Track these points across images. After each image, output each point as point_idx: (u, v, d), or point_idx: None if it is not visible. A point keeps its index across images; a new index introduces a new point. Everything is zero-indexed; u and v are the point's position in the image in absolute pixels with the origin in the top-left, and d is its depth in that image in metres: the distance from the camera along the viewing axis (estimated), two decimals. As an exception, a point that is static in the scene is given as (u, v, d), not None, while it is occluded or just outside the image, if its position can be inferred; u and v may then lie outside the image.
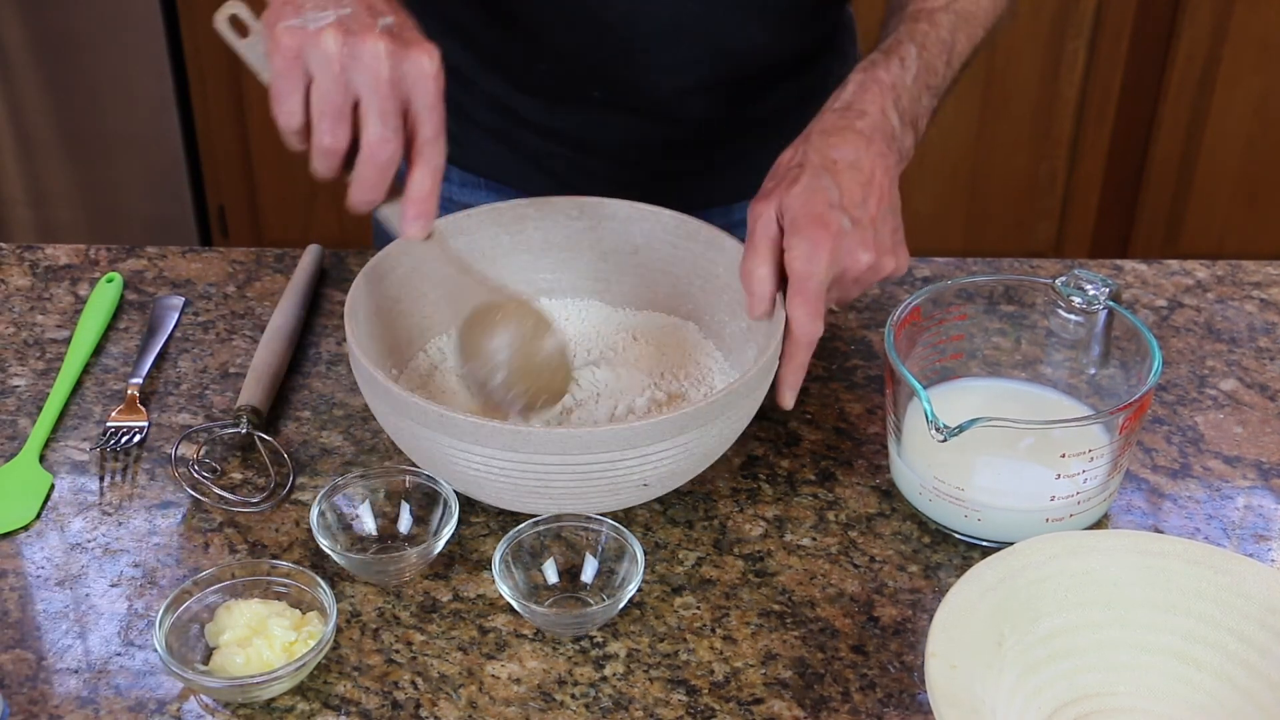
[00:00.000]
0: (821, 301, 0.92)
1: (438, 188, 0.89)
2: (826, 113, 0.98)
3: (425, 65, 0.86)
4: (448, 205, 1.21)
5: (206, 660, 0.84)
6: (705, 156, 1.21)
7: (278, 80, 0.86)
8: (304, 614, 0.86)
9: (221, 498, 0.97)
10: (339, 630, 0.88)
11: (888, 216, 0.94)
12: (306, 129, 0.87)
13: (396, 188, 0.90)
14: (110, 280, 1.16)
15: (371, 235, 1.39)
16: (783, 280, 0.93)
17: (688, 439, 0.88)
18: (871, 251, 0.92)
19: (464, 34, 1.15)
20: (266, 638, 0.83)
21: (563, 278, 1.09)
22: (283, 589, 0.87)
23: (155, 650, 0.85)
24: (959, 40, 1.04)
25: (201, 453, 1.00)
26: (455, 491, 0.92)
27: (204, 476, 0.98)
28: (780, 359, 0.93)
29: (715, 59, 1.13)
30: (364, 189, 0.88)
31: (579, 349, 1.06)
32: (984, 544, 0.94)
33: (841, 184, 0.93)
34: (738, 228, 1.01)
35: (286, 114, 0.87)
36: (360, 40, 0.84)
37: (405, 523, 0.94)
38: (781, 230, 0.92)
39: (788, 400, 0.94)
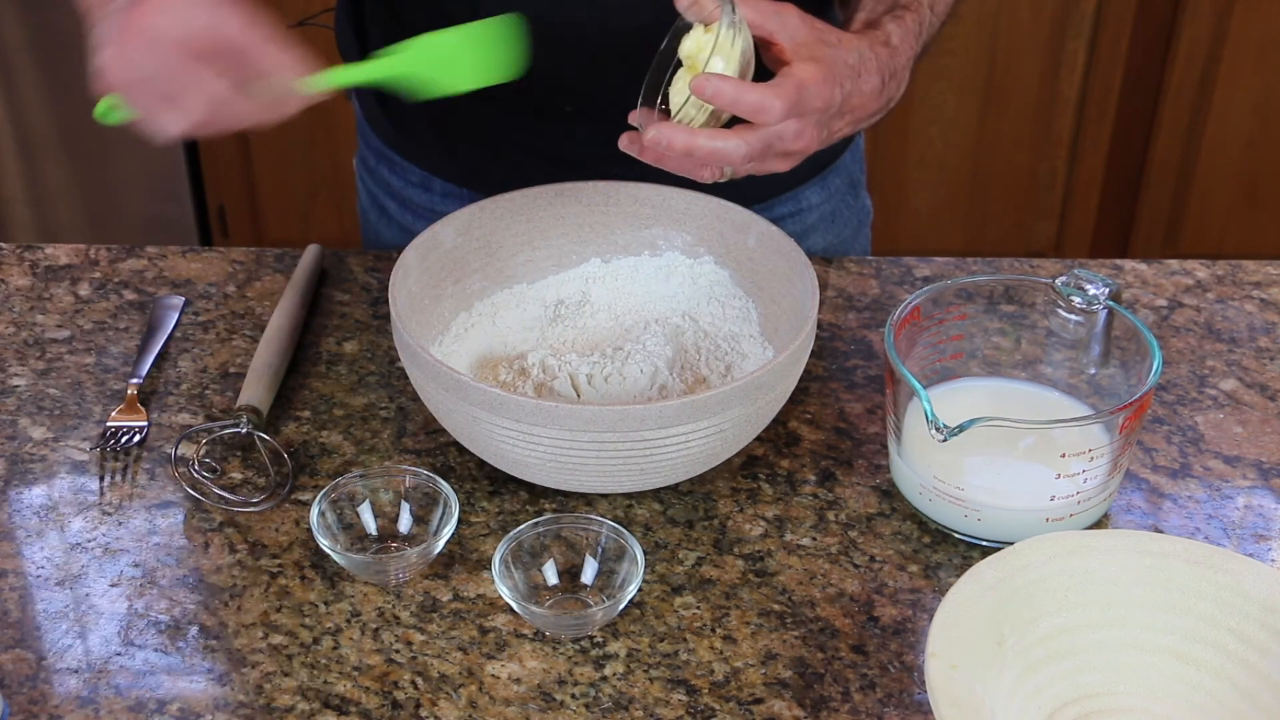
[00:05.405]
0: (793, 113, 0.93)
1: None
2: (882, 47, 1.01)
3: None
4: (430, 216, 1.21)
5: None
6: None
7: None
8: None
9: (221, 498, 0.97)
10: (339, 630, 0.88)
11: (838, 134, 0.99)
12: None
13: None
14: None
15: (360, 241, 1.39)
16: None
17: (725, 416, 0.90)
18: (808, 141, 0.95)
19: None
20: None
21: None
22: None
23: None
24: None
25: (201, 453, 1.00)
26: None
27: (204, 476, 0.98)
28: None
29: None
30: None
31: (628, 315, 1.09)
32: (984, 544, 0.94)
33: (851, 91, 0.96)
34: None
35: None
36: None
37: (405, 523, 0.94)
38: (783, 50, 0.95)
39: (706, 176, 0.95)
